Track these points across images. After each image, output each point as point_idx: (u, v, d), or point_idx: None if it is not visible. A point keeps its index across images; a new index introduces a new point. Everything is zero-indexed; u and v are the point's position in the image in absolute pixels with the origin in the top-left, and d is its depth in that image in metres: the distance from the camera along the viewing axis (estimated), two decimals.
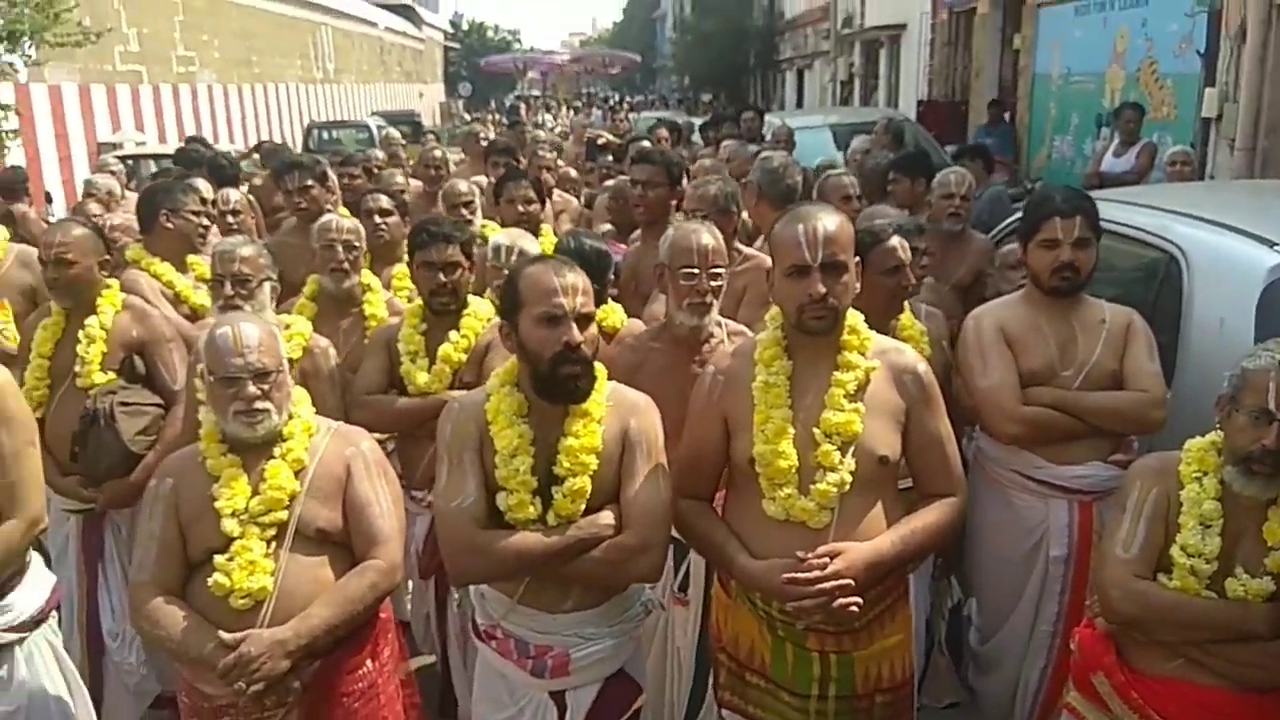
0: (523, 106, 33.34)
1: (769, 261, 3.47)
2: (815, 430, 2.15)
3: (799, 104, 24.95)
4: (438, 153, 6.45)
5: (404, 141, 9.58)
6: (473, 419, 2.23)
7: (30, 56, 11.24)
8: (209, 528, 2.24)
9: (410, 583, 3.50)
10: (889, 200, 4.94)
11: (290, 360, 2.53)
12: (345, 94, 31.77)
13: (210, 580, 2.20)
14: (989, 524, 2.89)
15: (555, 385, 2.15)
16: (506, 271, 3.20)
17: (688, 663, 2.89)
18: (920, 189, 4.82)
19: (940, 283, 3.96)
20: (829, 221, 2.13)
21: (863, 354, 2.21)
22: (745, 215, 4.19)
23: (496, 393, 2.24)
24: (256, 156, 9.50)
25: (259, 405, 2.25)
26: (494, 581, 2.28)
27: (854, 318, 2.23)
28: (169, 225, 4.07)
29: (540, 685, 2.25)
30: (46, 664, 2.62)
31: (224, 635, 2.15)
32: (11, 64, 11.20)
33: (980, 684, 3.17)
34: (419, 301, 3.20)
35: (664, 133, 8.10)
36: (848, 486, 2.12)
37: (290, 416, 2.35)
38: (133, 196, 5.84)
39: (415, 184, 6.14)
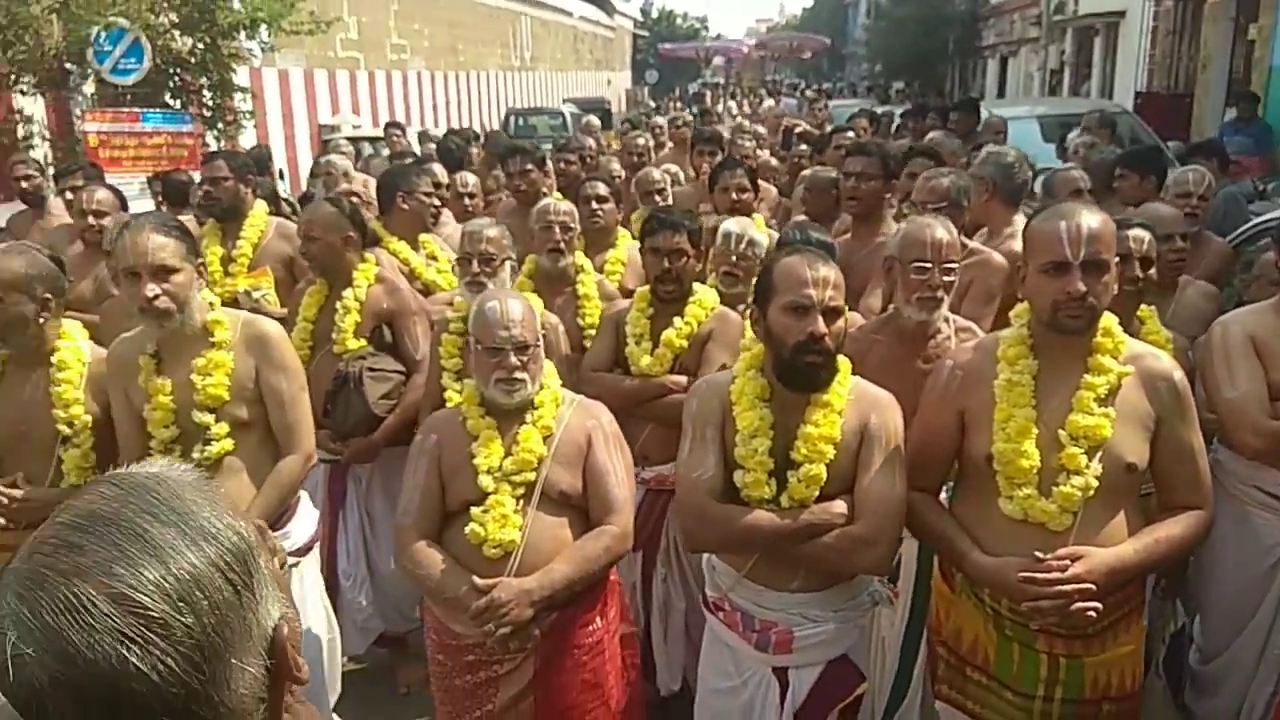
0: (707, 94, 33.45)
1: (997, 257, 3.46)
2: (1061, 432, 2.13)
3: (1000, 94, 23.90)
4: (641, 140, 6.63)
5: (601, 129, 9.86)
6: (718, 397, 2.35)
7: (267, 43, 12.25)
8: (466, 482, 2.46)
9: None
10: (1114, 197, 4.73)
11: None
12: (540, 81, 32.81)
13: (466, 529, 2.42)
14: (1224, 540, 2.77)
15: (796, 373, 2.23)
16: (734, 258, 3.33)
17: (892, 654, 2.92)
18: (1149, 186, 4.60)
19: None
20: (1092, 219, 2.11)
21: (1115, 358, 2.17)
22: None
23: (742, 375, 2.35)
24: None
25: (518, 375, 2.45)
26: (724, 552, 2.39)
27: (1108, 320, 2.20)
28: (405, 206, 4.38)
29: (764, 660, 2.35)
30: (312, 588, 2.95)
31: (477, 580, 2.37)
32: (250, 49, 12.22)
33: (1199, 706, 3.05)
34: (647, 287, 3.35)
35: (864, 123, 8.00)
36: (1092, 491, 2.09)
37: (541, 387, 2.54)
38: (358, 176, 6.30)
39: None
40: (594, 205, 4.46)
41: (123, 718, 0.68)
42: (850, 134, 6.21)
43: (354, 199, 4.17)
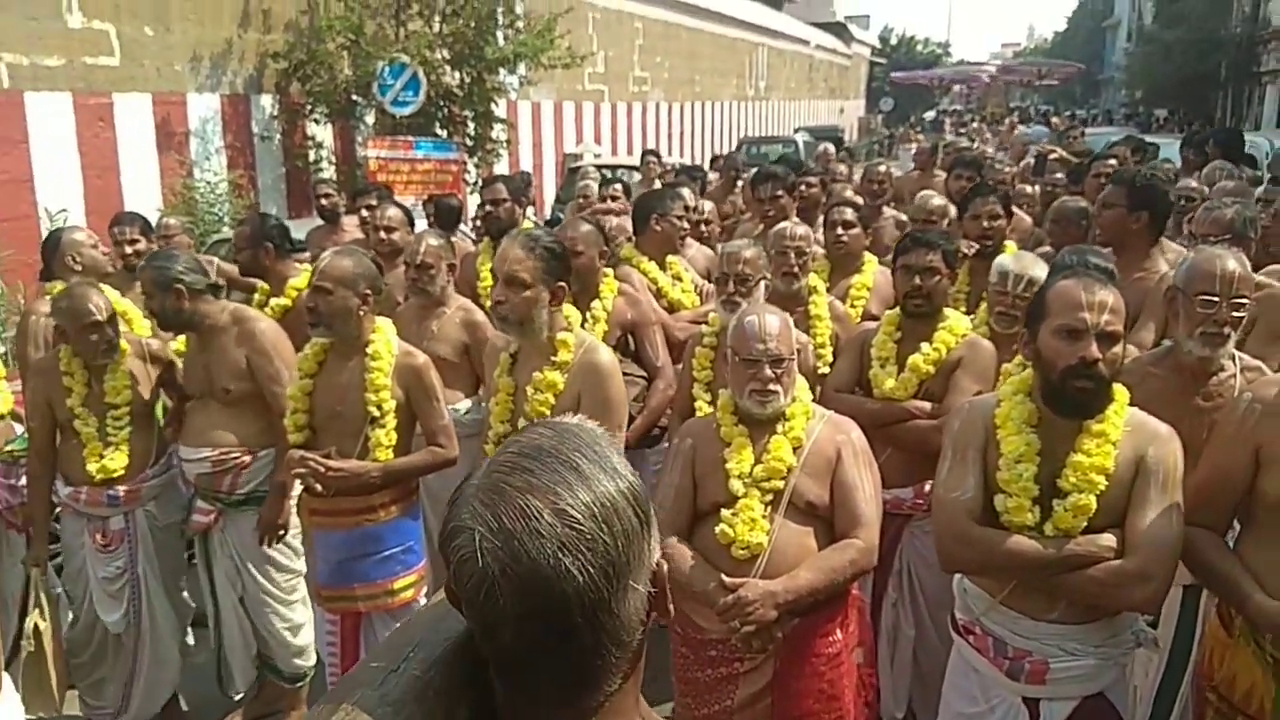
0: (946, 121, 32.47)
1: None
2: None
3: (1279, 124, 21.76)
4: (881, 168, 6.63)
5: (841, 158, 9.89)
6: (981, 419, 2.36)
7: (525, 77, 13.14)
8: (718, 485, 2.59)
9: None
10: None
11: None
12: (773, 110, 33.09)
13: (717, 530, 2.55)
14: None
15: (1064, 398, 2.21)
16: (1011, 298, 3.29)
17: (1145, 703, 2.78)
18: None
19: None
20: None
21: None
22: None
23: (1008, 399, 2.34)
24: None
25: (771, 387, 2.56)
26: (981, 575, 2.38)
27: None
28: (657, 228, 4.63)
29: (1014, 689, 2.31)
30: None
31: (725, 579, 2.49)
32: (510, 83, 13.14)
33: None
34: (895, 310, 3.38)
35: (1125, 151, 7.58)
36: None
37: (794, 400, 2.64)
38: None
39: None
40: (839, 231, 4.52)
41: (550, 610, 0.84)
42: (1112, 161, 5.91)
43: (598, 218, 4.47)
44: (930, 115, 39.42)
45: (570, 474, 0.87)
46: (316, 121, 11.74)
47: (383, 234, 4.88)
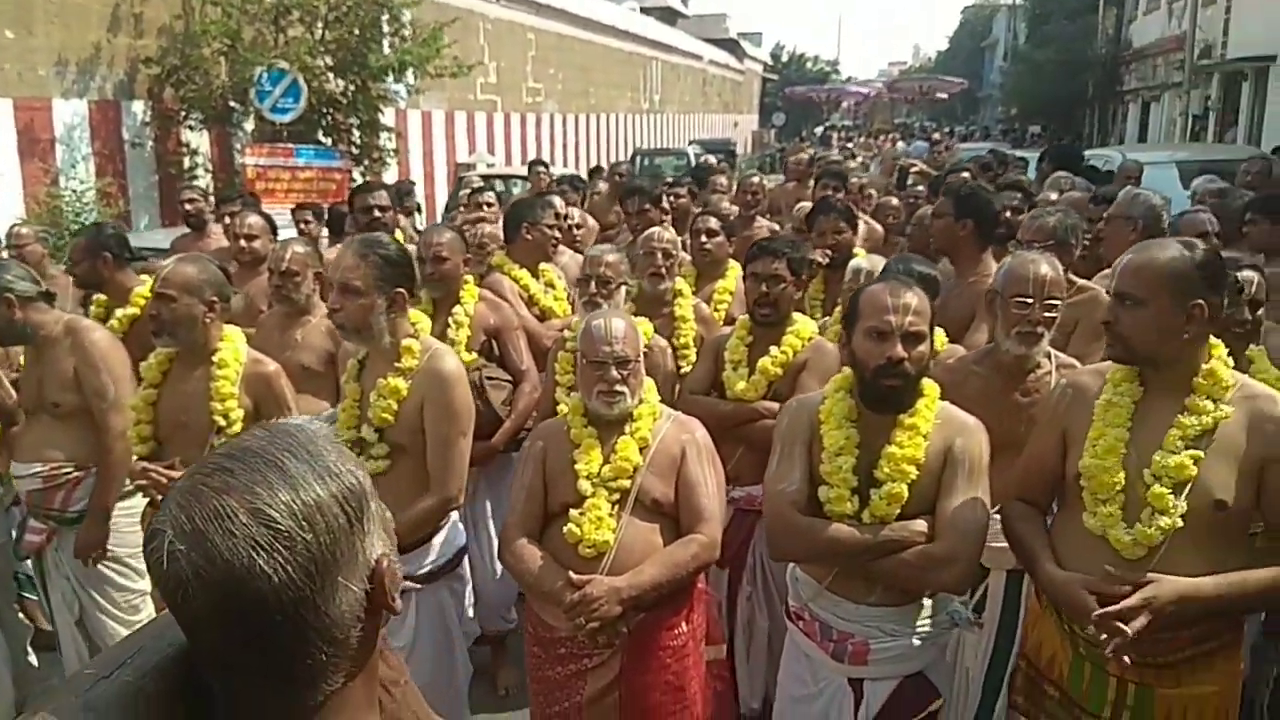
0: (834, 136, 33.41)
1: (1105, 295, 3.45)
2: (1145, 471, 2.14)
3: (1141, 138, 23.08)
4: (755, 179, 6.82)
5: (722, 169, 10.11)
6: (807, 415, 2.48)
7: (413, 85, 13.01)
8: (567, 486, 2.64)
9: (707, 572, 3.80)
10: (1244, 243, 4.62)
11: None
12: (667, 123, 33.50)
13: (565, 529, 2.60)
14: None
15: (876, 394, 2.35)
16: None
17: (975, 686, 2.94)
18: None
19: None
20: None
21: (1217, 399, 2.15)
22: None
23: (831, 396, 2.47)
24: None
25: (618, 388, 2.62)
26: (806, 562, 2.50)
27: (1218, 361, 2.18)
28: (529, 236, 4.66)
29: (839, 670, 2.43)
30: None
31: (572, 576, 2.54)
32: (396, 91, 13.00)
33: None
34: (748, 315, 3.49)
35: (973, 166, 7.96)
36: (1175, 527, 2.09)
37: (641, 401, 2.71)
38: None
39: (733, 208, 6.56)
40: (704, 239, 4.64)
41: (246, 610, 0.85)
42: (965, 174, 6.21)
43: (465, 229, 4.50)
44: (820, 130, 40.45)
45: (273, 473, 0.88)
46: (192, 128, 11.40)
47: (243, 242, 4.78)
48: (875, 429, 2.39)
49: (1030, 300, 2.76)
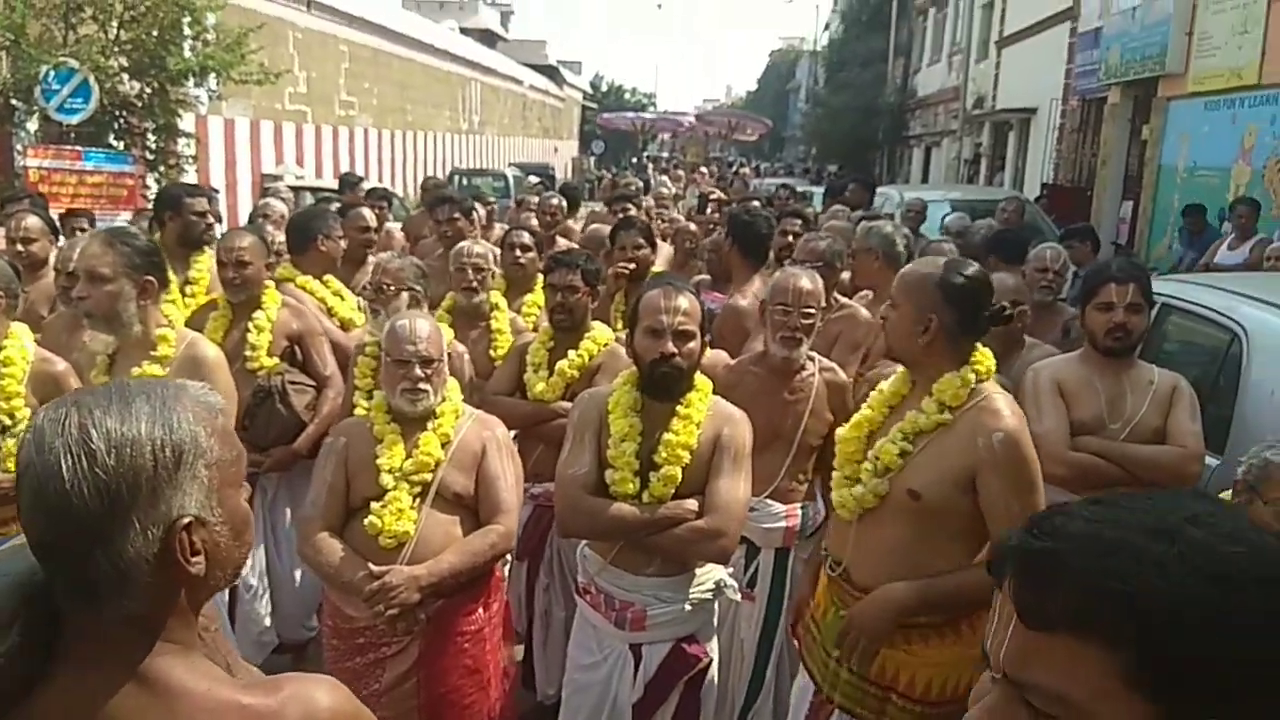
0: (649, 166, 34.41)
1: (863, 313, 3.89)
2: (869, 452, 2.50)
3: (924, 179, 25.10)
4: (554, 201, 7.11)
5: (538, 191, 10.36)
6: (597, 407, 2.71)
7: (215, 91, 12.53)
8: (369, 480, 2.74)
9: (508, 563, 3.95)
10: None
11: None
12: (487, 144, 33.48)
13: (365, 521, 2.70)
14: None
15: (654, 385, 2.62)
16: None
17: (749, 653, 3.22)
18: (1013, 268, 5.10)
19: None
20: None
21: (944, 406, 2.38)
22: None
23: (619, 389, 2.72)
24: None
25: (421, 386, 2.76)
26: (592, 539, 2.72)
27: (960, 374, 2.38)
28: (322, 248, 4.57)
29: (621, 637, 2.66)
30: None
31: (372, 567, 2.64)
32: (197, 96, 12.49)
33: None
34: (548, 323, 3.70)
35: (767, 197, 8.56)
36: (870, 503, 2.42)
37: (444, 399, 2.85)
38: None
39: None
40: (517, 253, 4.79)
41: (51, 506, 1.00)
42: (755, 203, 6.72)
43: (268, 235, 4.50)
44: (637, 160, 41.51)
45: (118, 405, 1.03)
46: None
47: (19, 246, 4.52)
48: (656, 418, 2.64)
49: (791, 308, 3.11)
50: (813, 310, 3.14)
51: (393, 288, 3.70)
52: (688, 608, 2.64)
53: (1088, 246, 6.55)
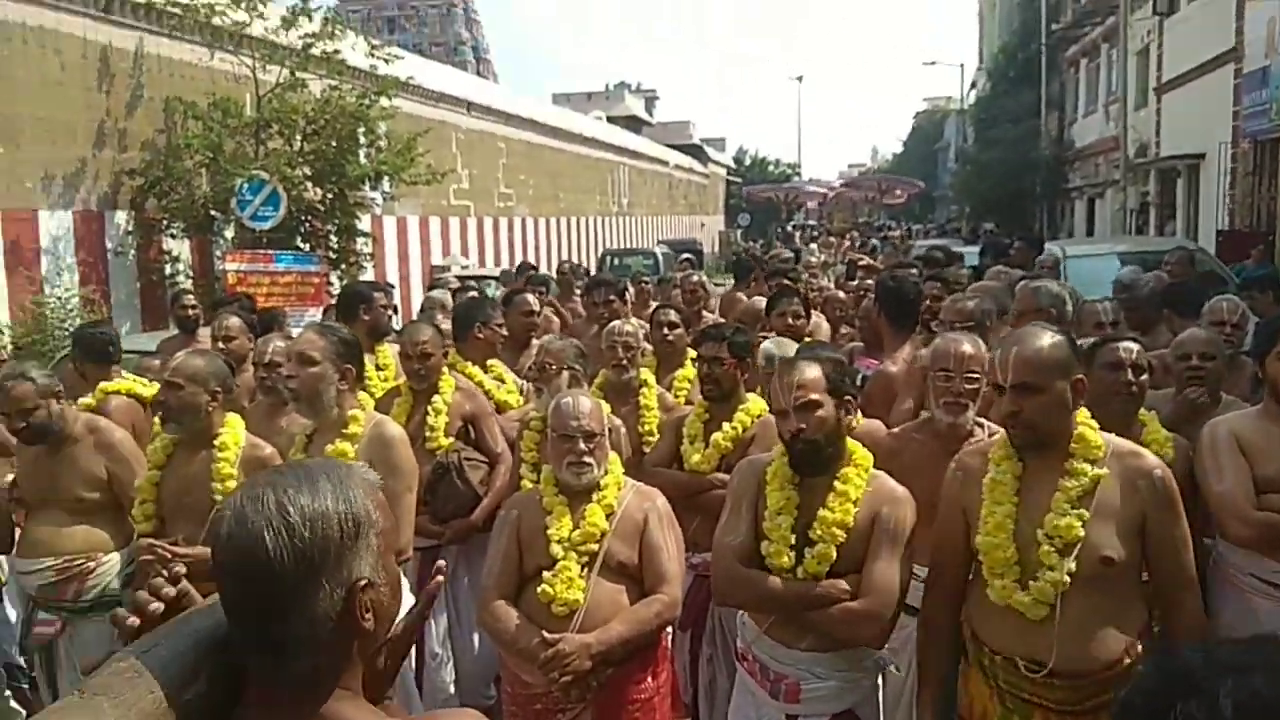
0: (796, 235, 34.49)
1: None
2: (1039, 531, 2.34)
3: (1089, 232, 24.10)
4: (694, 278, 7.27)
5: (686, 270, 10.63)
6: (755, 475, 2.77)
7: (389, 193, 13.54)
8: (540, 550, 2.90)
9: (671, 632, 4.02)
10: (1163, 324, 5.02)
11: None
12: (636, 224, 34.47)
13: (538, 590, 2.85)
14: (1228, 627, 2.98)
15: (796, 460, 2.66)
16: (767, 373, 3.79)
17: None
18: (1190, 320, 4.88)
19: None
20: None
21: (1091, 461, 2.39)
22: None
23: (777, 459, 2.76)
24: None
25: (585, 459, 2.91)
26: (745, 609, 2.76)
27: (1085, 427, 2.44)
28: (480, 335, 4.82)
29: (776, 707, 2.65)
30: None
31: (545, 635, 2.78)
32: (373, 199, 13.51)
33: None
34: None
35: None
36: (1067, 585, 2.31)
37: (606, 472, 2.99)
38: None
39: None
40: (665, 330, 4.95)
41: (251, 572, 1.15)
42: (913, 270, 6.69)
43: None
44: (785, 230, 41.70)
45: (306, 484, 1.20)
46: (173, 236, 11.77)
47: (221, 344, 4.94)
48: (813, 491, 2.66)
49: (953, 374, 3.08)
50: (977, 374, 3.09)
51: (554, 367, 3.91)
52: (843, 684, 2.62)
53: (1269, 296, 6.18)
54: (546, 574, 2.86)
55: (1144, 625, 2.42)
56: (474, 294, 7.34)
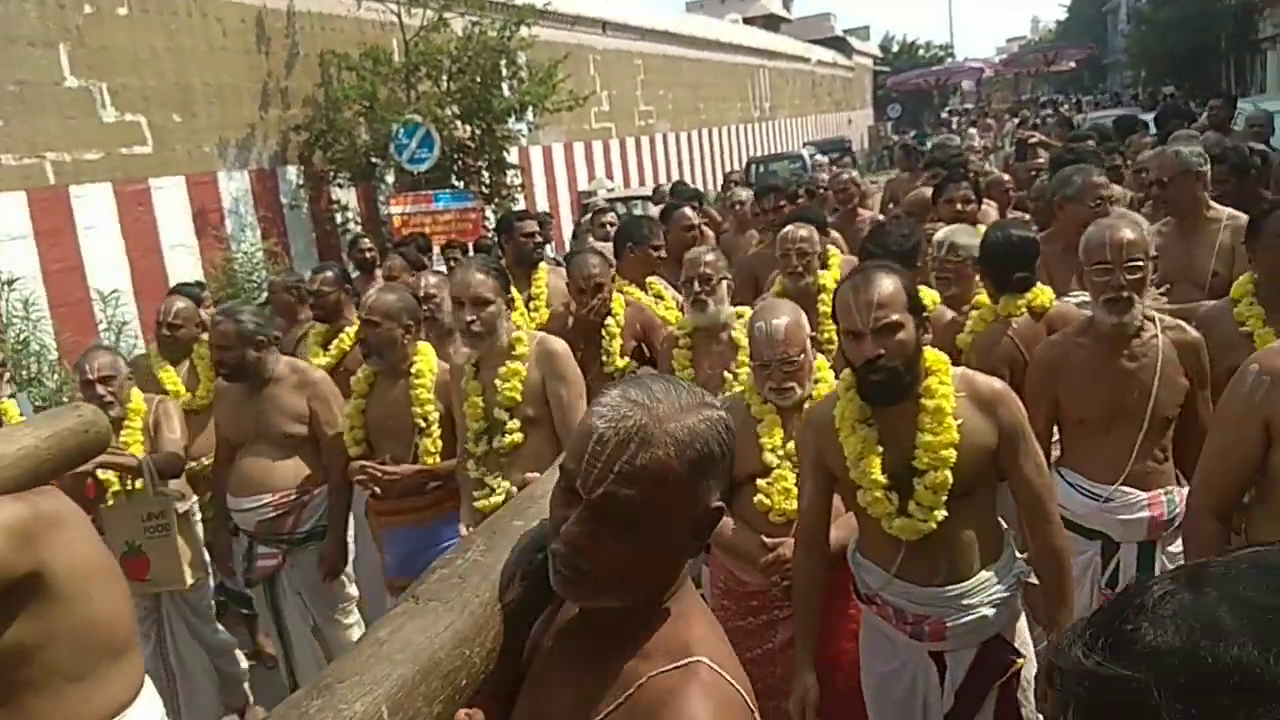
0: (953, 121, 32.72)
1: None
2: None
3: None
4: (845, 176, 7.02)
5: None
6: (814, 427, 2.60)
7: (533, 123, 13.64)
8: (752, 456, 2.86)
9: None
10: None
11: None
12: (780, 128, 33.53)
13: (755, 499, 2.85)
14: None
15: (868, 390, 2.34)
16: (937, 262, 3.62)
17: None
18: None
19: None
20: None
21: None
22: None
23: (844, 397, 2.44)
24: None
25: (786, 385, 2.84)
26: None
27: None
28: (632, 254, 4.83)
29: (920, 647, 2.47)
30: None
31: (765, 539, 2.80)
32: (519, 130, 13.65)
33: None
34: None
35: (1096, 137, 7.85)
36: None
37: (818, 381, 2.92)
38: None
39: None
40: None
41: (651, 475, 1.14)
42: (1090, 142, 6.21)
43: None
44: (942, 115, 39.52)
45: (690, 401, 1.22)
46: (340, 186, 12.28)
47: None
48: (897, 419, 2.36)
49: (1112, 265, 2.74)
50: (1140, 261, 2.75)
51: (714, 278, 3.80)
52: (990, 611, 2.40)
53: None
54: (761, 483, 2.85)
55: None
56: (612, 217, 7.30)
